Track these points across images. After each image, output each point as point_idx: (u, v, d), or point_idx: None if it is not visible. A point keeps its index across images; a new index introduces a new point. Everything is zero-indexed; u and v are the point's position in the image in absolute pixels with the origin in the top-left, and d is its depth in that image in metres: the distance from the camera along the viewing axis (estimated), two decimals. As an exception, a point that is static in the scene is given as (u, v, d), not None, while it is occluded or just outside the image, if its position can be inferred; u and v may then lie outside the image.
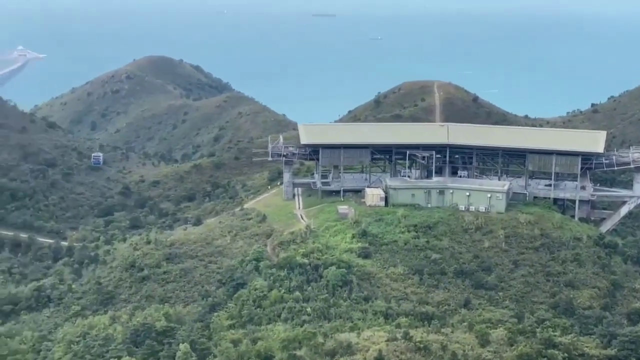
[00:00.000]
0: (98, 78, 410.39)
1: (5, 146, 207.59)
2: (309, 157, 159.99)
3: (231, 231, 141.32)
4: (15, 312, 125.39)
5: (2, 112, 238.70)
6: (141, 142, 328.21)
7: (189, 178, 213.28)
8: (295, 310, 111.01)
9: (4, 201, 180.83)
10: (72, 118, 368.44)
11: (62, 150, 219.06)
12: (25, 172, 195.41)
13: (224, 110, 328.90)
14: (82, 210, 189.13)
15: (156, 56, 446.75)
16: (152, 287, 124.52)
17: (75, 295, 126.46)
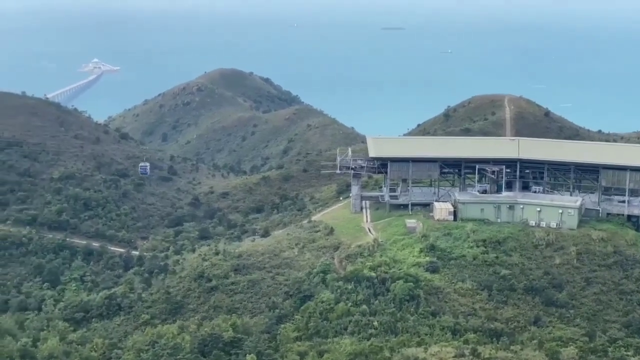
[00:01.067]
0: (170, 90, 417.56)
1: (80, 156, 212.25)
2: (378, 171, 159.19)
3: (299, 243, 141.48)
4: (87, 320, 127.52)
5: (77, 123, 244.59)
6: (211, 153, 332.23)
7: (257, 190, 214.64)
8: (361, 324, 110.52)
9: (78, 210, 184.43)
10: (144, 129, 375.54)
11: (134, 161, 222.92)
12: (98, 182, 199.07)
13: (293, 122, 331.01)
14: (152, 220, 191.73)
15: (227, 69, 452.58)
16: (220, 298, 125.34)
17: (145, 304, 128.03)
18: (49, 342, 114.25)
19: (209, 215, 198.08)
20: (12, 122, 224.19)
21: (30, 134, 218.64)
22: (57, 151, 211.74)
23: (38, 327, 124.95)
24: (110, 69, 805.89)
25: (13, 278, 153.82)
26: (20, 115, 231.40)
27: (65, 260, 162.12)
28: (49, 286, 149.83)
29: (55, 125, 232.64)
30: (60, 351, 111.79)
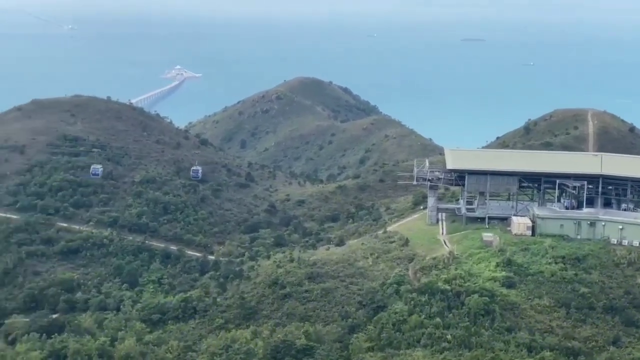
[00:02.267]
0: (249, 98, 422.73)
1: (160, 161, 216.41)
2: (455, 183, 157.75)
3: (373, 253, 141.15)
4: (163, 321, 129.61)
5: (159, 128, 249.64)
6: (288, 161, 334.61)
7: (333, 199, 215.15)
8: (435, 337, 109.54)
9: (157, 214, 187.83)
10: (223, 136, 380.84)
11: (212, 167, 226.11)
12: (177, 186, 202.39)
13: (370, 132, 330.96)
14: (229, 226, 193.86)
15: (306, 77, 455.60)
16: (293, 305, 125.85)
17: (219, 309, 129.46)
18: (126, 342, 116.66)
19: (284, 223, 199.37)
20: (98, 126, 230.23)
21: (114, 138, 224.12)
22: (139, 155, 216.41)
23: (116, 327, 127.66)
24: (192, 75, 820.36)
25: (94, 278, 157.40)
26: (105, 119, 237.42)
27: (144, 263, 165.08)
28: (127, 287, 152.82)
29: (138, 129, 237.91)
30: (136, 351, 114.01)
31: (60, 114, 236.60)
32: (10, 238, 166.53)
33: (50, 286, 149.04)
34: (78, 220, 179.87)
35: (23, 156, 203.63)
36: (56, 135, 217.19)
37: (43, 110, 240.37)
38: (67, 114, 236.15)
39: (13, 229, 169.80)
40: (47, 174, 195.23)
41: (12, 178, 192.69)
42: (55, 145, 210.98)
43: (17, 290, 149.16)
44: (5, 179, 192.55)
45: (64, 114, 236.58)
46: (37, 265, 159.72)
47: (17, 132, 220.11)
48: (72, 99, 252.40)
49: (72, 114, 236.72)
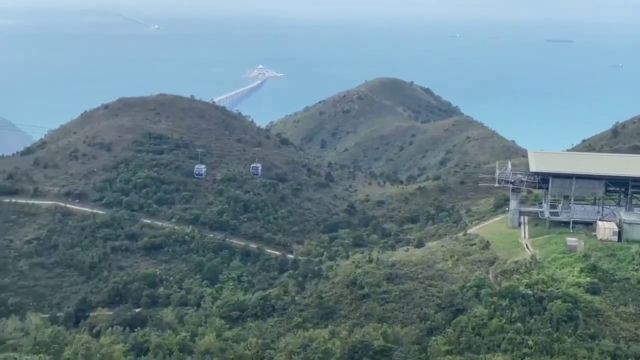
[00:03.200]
0: (330, 98, 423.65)
1: (241, 159, 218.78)
2: (538, 186, 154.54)
3: (453, 255, 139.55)
4: (242, 319, 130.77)
5: (240, 127, 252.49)
6: (368, 161, 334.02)
7: (413, 200, 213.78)
8: (515, 342, 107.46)
9: (238, 212, 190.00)
10: (303, 135, 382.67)
11: (292, 166, 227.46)
12: (258, 185, 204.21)
13: (451, 133, 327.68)
14: (308, 225, 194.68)
15: (387, 78, 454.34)
16: (371, 306, 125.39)
17: (298, 307, 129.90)
18: (206, 338, 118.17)
19: (363, 223, 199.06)
20: (181, 125, 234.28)
21: (197, 136, 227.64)
22: (221, 154, 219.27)
23: (196, 323, 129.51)
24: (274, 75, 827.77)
25: (175, 274, 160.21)
26: (188, 118, 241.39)
27: (224, 260, 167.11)
28: (208, 284, 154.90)
29: (221, 128, 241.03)
30: (216, 347, 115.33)
31: (146, 112, 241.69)
32: (96, 233, 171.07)
33: (134, 281, 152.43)
34: (161, 216, 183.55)
35: (110, 153, 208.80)
36: (141, 133, 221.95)
37: (129, 108, 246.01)
38: (152, 113, 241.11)
39: (99, 224, 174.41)
40: (132, 171, 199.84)
41: (99, 174, 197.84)
42: (140, 143, 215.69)
43: (102, 284, 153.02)
44: (93, 175, 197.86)
45: (149, 112, 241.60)
46: (121, 260, 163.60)
47: (104, 129, 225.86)
48: (157, 98, 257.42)
49: (157, 112, 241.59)
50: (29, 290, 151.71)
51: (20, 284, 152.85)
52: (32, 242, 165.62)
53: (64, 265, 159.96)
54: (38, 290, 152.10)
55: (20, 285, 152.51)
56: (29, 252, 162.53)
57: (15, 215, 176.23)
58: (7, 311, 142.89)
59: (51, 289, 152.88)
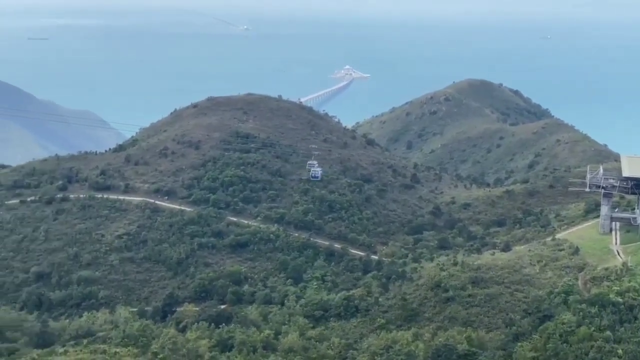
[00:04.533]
0: (417, 99, 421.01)
1: (327, 160, 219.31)
2: (631, 191, 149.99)
3: (541, 261, 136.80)
4: (325, 318, 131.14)
5: (327, 127, 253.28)
6: (454, 163, 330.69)
7: (500, 203, 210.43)
8: (604, 351, 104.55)
9: (323, 212, 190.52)
10: (389, 136, 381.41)
11: (378, 167, 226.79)
12: (343, 185, 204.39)
13: (541, 136, 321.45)
14: (392, 227, 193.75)
15: (475, 79, 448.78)
16: (455, 309, 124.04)
17: (381, 309, 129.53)
18: (289, 336, 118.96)
19: (449, 226, 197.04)
20: (268, 124, 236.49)
21: (283, 136, 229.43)
22: (307, 154, 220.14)
23: (280, 321, 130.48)
24: (361, 76, 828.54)
25: (260, 272, 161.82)
26: (275, 117, 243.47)
27: (308, 259, 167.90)
28: (292, 282, 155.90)
29: (307, 128, 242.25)
30: (299, 346, 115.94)
31: (234, 111, 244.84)
32: (184, 230, 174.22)
33: (219, 278, 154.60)
34: (247, 215, 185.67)
35: (198, 151, 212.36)
36: (229, 132, 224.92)
37: (217, 107, 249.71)
38: (239, 112, 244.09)
39: (187, 221, 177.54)
40: (219, 169, 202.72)
41: (188, 172, 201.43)
42: (227, 142, 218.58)
43: (189, 280, 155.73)
44: (181, 173, 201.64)
45: (237, 111, 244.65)
46: (207, 257, 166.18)
47: (193, 128, 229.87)
48: (244, 97, 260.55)
49: (244, 111, 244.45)
50: (119, 284, 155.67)
51: (110, 278, 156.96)
52: (123, 237, 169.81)
53: (152, 260, 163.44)
54: (127, 284, 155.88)
55: (111, 279, 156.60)
56: (119, 246, 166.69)
57: (107, 211, 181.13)
58: (98, 304, 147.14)
59: (140, 284, 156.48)
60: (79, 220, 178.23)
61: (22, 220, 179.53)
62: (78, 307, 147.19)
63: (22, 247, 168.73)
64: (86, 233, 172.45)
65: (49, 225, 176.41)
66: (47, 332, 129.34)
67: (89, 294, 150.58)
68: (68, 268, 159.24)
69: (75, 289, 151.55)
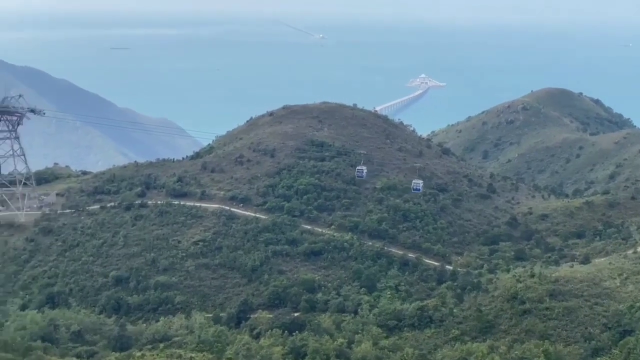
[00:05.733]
0: (494, 108, 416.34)
1: (402, 169, 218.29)
2: None
3: (622, 274, 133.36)
4: (399, 328, 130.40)
5: (402, 136, 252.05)
6: (532, 174, 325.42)
7: (579, 214, 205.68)
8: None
9: (397, 221, 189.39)
10: (465, 146, 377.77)
11: (453, 177, 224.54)
12: (418, 195, 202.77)
13: (622, 146, 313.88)
14: (468, 237, 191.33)
15: (554, 88, 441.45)
16: (532, 322, 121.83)
17: (455, 320, 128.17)
18: (362, 346, 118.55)
19: (526, 237, 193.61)
20: (343, 132, 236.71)
21: (358, 145, 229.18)
22: (382, 162, 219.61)
23: (353, 330, 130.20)
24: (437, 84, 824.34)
25: (334, 280, 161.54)
26: (350, 126, 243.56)
27: (382, 268, 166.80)
28: (365, 291, 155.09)
29: (382, 137, 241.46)
30: (373, 355, 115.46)
31: (309, 119, 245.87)
32: (258, 237, 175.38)
33: (293, 285, 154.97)
34: (321, 223, 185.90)
35: (273, 159, 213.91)
36: (304, 140, 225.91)
37: (293, 116, 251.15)
38: (315, 120, 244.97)
39: (261, 228, 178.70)
40: (294, 177, 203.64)
41: (263, 180, 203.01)
42: (302, 150, 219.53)
43: (263, 287, 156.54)
44: (257, 180, 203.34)
45: (312, 120, 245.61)
46: (281, 264, 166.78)
47: (268, 136, 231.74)
48: (320, 106, 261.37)
49: (319, 120, 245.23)
50: (195, 290, 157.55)
51: (186, 284, 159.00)
52: (199, 244, 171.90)
53: (227, 267, 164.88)
54: (203, 290, 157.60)
55: (187, 285, 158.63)
56: (195, 253, 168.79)
57: (184, 217, 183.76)
58: (174, 309, 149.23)
59: (215, 290, 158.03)
60: (156, 226, 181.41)
61: (102, 226, 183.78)
62: (155, 312, 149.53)
63: (102, 251, 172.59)
64: (163, 239, 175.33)
65: (128, 230, 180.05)
66: (125, 335, 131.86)
67: (166, 299, 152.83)
68: (146, 273, 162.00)
69: (152, 294, 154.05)
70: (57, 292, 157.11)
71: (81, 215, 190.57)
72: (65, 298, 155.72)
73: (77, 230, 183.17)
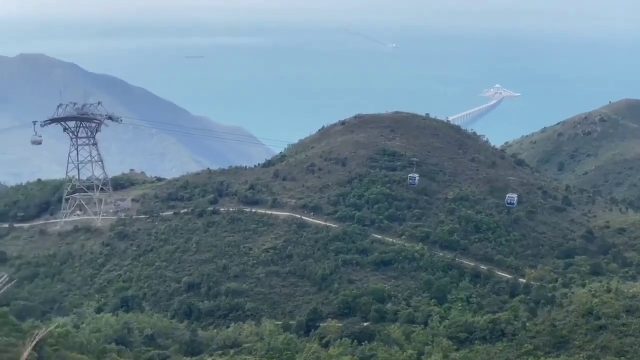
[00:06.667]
0: (570, 119, 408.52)
1: (474, 179, 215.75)
2: None
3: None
4: (470, 341, 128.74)
5: (475, 146, 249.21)
6: (609, 187, 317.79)
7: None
8: None
9: (469, 232, 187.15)
10: (540, 157, 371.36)
11: (528, 188, 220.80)
12: (490, 206, 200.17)
13: None
14: (542, 250, 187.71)
15: (634, 99, 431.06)
16: (608, 338, 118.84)
17: (529, 334, 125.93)
18: (432, 358, 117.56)
19: (602, 251, 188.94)
20: (415, 143, 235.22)
21: (430, 155, 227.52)
22: (454, 173, 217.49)
23: (423, 341, 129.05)
24: (511, 95, 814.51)
25: (404, 291, 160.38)
26: (422, 136, 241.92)
27: (453, 280, 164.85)
28: (436, 303, 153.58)
29: (454, 147, 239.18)
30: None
31: (381, 129, 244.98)
32: (329, 246, 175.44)
33: (363, 295, 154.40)
34: (392, 233, 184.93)
35: (344, 168, 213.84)
36: (376, 150, 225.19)
37: (365, 125, 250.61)
38: (387, 130, 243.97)
39: (332, 237, 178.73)
40: (365, 186, 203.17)
41: (334, 189, 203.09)
42: (374, 159, 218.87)
43: (333, 296, 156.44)
44: (328, 189, 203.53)
45: (384, 129, 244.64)
46: (351, 274, 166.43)
47: (340, 145, 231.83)
48: (392, 116, 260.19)
49: (391, 129, 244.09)
50: (265, 297, 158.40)
51: (257, 291, 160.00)
52: (270, 252, 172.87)
53: (297, 275, 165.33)
54: (273, 297, 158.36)
55: (257, 292, 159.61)
56: (266, 260, 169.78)
57: (255, 225, 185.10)
58: (244, 316, 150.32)
59: (285, 298, 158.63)
60: (228, 233, 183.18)
61: (175, 232, 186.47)
62: (225, 318, 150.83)
63: (175, 257, 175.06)
64: (235, 246, 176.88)
65: (200, 237, 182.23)
66: (197, 341, 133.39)
67: (237, 305, 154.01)
68: (217, 279, 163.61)
69: (223, 300, 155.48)
70: (131, 296, 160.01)
71: (155, 221, 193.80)
72: (139, 302, 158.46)
73: (152, 236, 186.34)
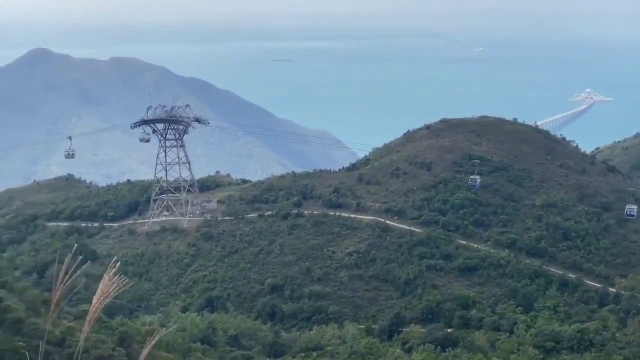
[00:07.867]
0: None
1: (563, 185, 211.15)
2: None
3: None
4: (557, 350, 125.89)
5: (564, 152, 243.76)
6: None
7: None
8: None
9: (557, 239, 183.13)
10: (632, 163, 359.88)
11: (619, 195, 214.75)
12: (580, 213, 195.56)
13: None
14: (633, 259, 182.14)
15: None
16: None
17: (618, 345, 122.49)
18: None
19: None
20: (502, 147, 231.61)
21: (517, 160, 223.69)
22: (542, 178, 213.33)
23: (508, 349, 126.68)
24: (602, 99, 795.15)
25: (488, 298, 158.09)
26: (509, 141, 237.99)
27: (539, 288, 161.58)
28: (521, 310, 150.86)
29: (542, 152, 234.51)
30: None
31: (467, 133, 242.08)
32: (412, 250, 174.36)
33: (447, 301, 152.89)
34: (477, 238, 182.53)
35: (429, 173, 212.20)
36: (461, 154, 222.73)
37: (451, 129, 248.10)
38: (473, 134, 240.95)
39: (416, 242, 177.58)
40: (450, 191, 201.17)
41: (419, 193, 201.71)
42: (459, 164, 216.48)
43: (416, 301, 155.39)
44: (412, 193, 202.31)
45: (470, 134, 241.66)
46: (435, 279, 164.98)
47: (425, 149, 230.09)
48: (479, 120, 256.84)
49: (477, 134, 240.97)
50: (348, 300, 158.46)
51: (340, 294, 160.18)
52: (353, 255, 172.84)
53: (380, 279, 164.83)
54: (356, 301, 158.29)
55: (340, 295, 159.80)
56: (349, 264, 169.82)
57: (339, 228, 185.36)
58: (327, 318, 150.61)
59: (368, 301, 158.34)
60: (311, 236, 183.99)
61: (259, 234, 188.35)
62: (308, 321, 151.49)
63: (259, 259, 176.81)
64: (318, 249, 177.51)
65: (284, 239, 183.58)
66: (279, 342, 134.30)
67: (319, 308, 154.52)
68: (300, 282, 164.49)
69: (306, 303, 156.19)
70: (215, 296, 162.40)
71: (240, 223, 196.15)
72: (223, 302, 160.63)
73: (236, 237, 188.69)
